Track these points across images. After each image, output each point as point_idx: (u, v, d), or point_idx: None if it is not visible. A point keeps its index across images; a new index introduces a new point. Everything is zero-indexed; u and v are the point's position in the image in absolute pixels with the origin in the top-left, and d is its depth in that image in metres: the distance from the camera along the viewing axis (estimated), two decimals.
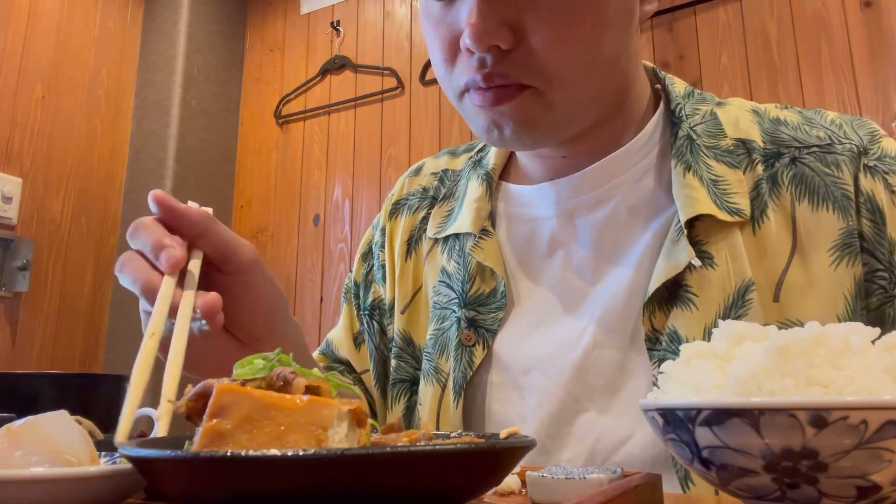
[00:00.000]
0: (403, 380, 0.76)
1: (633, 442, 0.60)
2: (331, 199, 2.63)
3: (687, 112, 0.67)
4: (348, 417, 0.35)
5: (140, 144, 2.64)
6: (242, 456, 0.28)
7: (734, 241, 0.60)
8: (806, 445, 0.30)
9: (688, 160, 0.63)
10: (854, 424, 0.30)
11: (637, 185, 0.66)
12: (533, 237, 0.70)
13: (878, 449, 0.30)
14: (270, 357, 0.38)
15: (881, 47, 1.85)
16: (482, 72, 0.58)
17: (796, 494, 0.32)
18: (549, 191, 0.69)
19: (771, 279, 0.59)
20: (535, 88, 0.59)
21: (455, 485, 0.32)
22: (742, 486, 0.34)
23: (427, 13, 0.64)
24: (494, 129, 0.61)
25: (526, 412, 0.66)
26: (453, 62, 0.62)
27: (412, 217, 0.80)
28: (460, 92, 0.63)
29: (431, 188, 0.81)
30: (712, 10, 2.09)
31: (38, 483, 0.35)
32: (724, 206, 0.60)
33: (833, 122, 0.65)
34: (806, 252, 0.59)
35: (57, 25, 2.47)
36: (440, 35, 0.62)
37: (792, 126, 0.65)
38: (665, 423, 0.35)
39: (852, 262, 0.58)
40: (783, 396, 0.32)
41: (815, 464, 0.31)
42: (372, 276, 0.82)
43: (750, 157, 0.63)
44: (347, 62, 2.69)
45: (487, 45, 0.56)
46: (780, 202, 0.61)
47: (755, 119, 0.67)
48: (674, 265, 0.59)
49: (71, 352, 2.39)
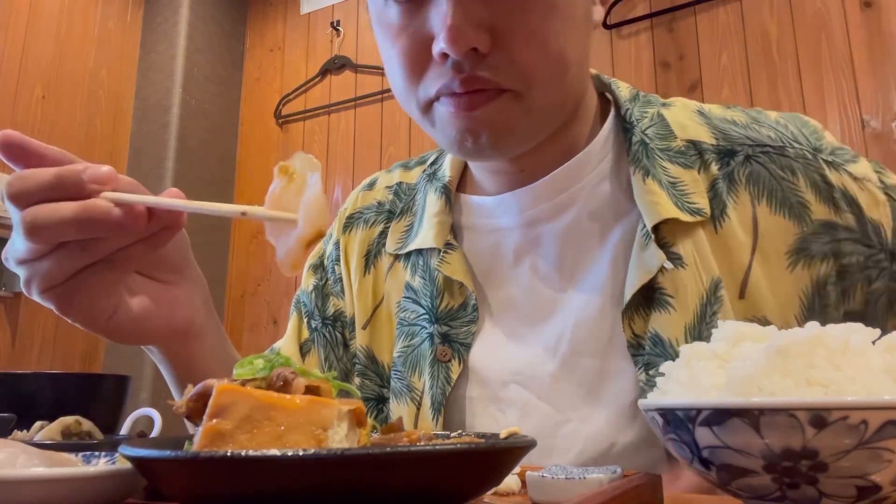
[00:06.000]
0: (368, 398, 0.74)
1: (616, 449, 0.60)
2: (331, 199, 2.63)
3: (636, 116, 0.67)
4: (348, 417, 0.35)
5: (140, 144, 2.64)
6: (242, 456, 0.28)
7: (699, 240, 0.61)
8: (806, 445, 0.30)
9: (645, 165, 0.64)
10: (854, 424, 0.29)
11: (596, 190, 0.66)
12: (498, 248, 0.70)
13: (878, 449, 0.30)
14: (270, 357, 0.38)
15: (881, 47, 1.85)
16: (459, 76, 0.57)
17: (796, 494, 0.32)
18: (510, 201, 0.69)
19: (736, 277, 0.60)
20: (513, 91, 0.58)
21: (455, 485, 0.32)
22: (742, 486, 0.34)
23: (384, 21, 0.61)
24: (469, 138, 0.59)
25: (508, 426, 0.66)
26: (421, 72, 0.59)
27: (368, 231, 0.79)
28: (428, 102, 0.61)
29: (387, 202, 0.80)
30: (712, 10, 2.09)
31: (38, 483, 0.35)
32: (685, 207, 0.61)
33: (778, 122, 0.66)
34: (766, 252, 0.60)
35: (57, 25, 2.47)
36: (403, 43, 0.59)
37: (741, 125, 0.66)
38: (665, 423, 0.35)
39: (808, 264, 0.60)
40: (783, 396, 0.32)
41: (816, 464, 0.31)
42: (329, 289, 0.80)
43: (702, 158, 0.64)
44: (347, 62, 2.69)
45: (466, 48, 0.55)
46: (740, 201, 0.62)
47: (701, 120, 0.67)
48: (646, 271, 0.60)
49: (71, 352, 2.39)
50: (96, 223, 0.45)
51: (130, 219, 0.45)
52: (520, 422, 0.64)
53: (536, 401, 0.64)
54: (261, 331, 2.66)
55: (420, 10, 0.58)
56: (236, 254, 2.75)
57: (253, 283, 2.70)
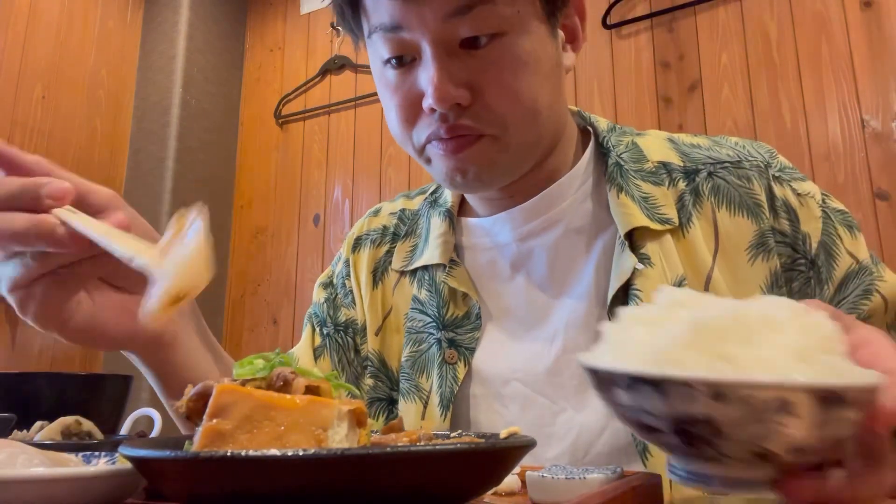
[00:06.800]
0: (381, 398, 0.84)
1: (608, 432, 0.68)
2: (331, 199, 2.63)
3: (612, 143, 0.78)
4: (348, 417, 0.35)
5: (140, 144, 2.64)
6: (242, 456, 0.28)
7: (666, 245, 0.70)
8: (705, 413, 0.33)
9: (619, 183, 0.74)
10: (748, 400, 0.32)
11: (580, 209, 0.76)
12: (496, 262, 0.80)
13: (772, 423, 0.32)
14: (270, 357, 0.38)
15: (881, 47, 1.85)
16: (445, 125, 0.68)
17: (700, 452, 0.35)
18: (505, 220, 0.79)
19: (700, 275, 0.70)
20: (491, 136, 0.68)
21: (455, 485, 0.32)
22: (658, 442, 0.37)
23: (384, 80, 0.72)
24: (458, 174, 0.70)
25: (511, 419, 0.73)
26: (414, 121, 0.71)
27: (375, 251, 0.89)
28: (422, 145, 0.71)
29: (391, 226, 0.91)
30: (712, 10, 2.09)
31: (38, 483, 0.35)
32: (655, 217, 0.71)
33: (737, 144, 0.76)
34: (727, 251, 0.70)
35: (57, 25, 2.47)
36: (399, 98, 0.70)
37: (704, 148, 0.76)
38: (593, 381, 0.37)
39: (766, 257, 0.69)
40: (690, 370, 0.34)
41: (714, 430, 0.33)
42: (340, 301, 0.90)
43: (671, 176, 0.75)
44: (347, 62, 2.69)
45: (450, 103, 0.66)
46: (703, 211, 0.72)
47: (671, 146, 0.78)
48: (623, 273, 0.69)
49: (71, 352, 2.39)
50: (41, 239, 0.48)
51: (71, 240, 0.48)
52: (520, 414, 0.73)
53: (534, 395, 0.73)
54: (261, 331, 2.66)
55: (411, 71, 0.69)
56: (236, 254, 2.75)
57: (253, 283, 2.70)
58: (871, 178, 1.81)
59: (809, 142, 1.90)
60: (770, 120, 1.96)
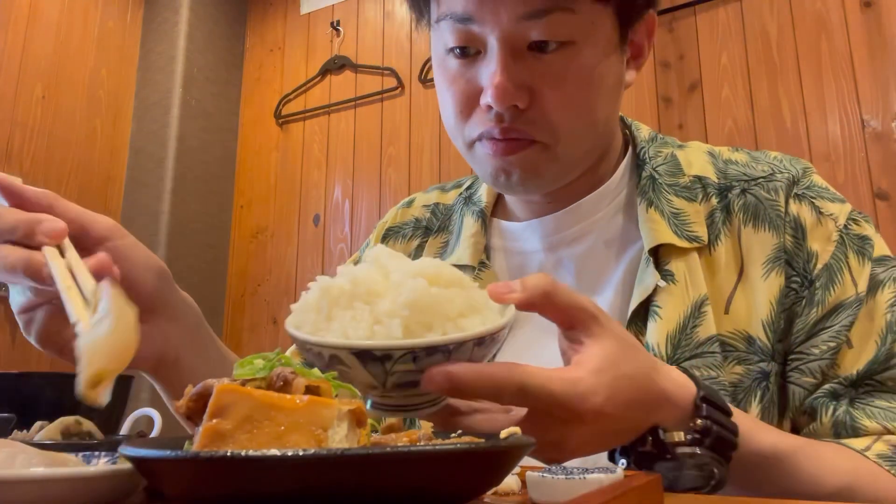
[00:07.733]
0: None
1: None
2: (331, 199, 2.63)
3: (650, 154, 0.77)
4: (348, 417, 0.35)
5: (140, 144, 2.64)
6: (242, 456, 0.28)
7: (692, 263, 0.70)
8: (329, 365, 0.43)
9: (650, 198, 0.74)
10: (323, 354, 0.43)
11: (610, 222, 0.76)
12: (524, 268, 0.79)
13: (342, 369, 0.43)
14: (270, 357, 0.38)
15: (881, 47, 1.85)
16: (500, 126, 0.67)
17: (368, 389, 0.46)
18: (536, 227, 0.78)
19: (723, 294, 0.69)
20: (542, 143, 0.68)
21: (455, 485, 0.32)
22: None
23: (444, 68, 0.71)
24: (502, 175, 0.70)
25: None
26: (468, 115, 0.70)
27: (406, 244, 0.89)
28: (472, 140, 0.70)
29: (424, 220, 0.90)
30: (712, 10, 2.09)
31: (38, 483, 0.35)
32: (684, 234, 0.71)
33: (776, 158, 0.75)
34: (747, 269, 0.70)
35: (57, 25, 2.47)
36: (457, 89, 0.69)
37: (741, 164, 0.75)
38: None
39: (778, 272, 0.69)
40: (308, 330, 0.45)
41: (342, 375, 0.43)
42: None
43: (705, 191, 0.74)
44: (347, 62, 2.69)
45: (508, 103, 0.65)
46: (731, 228, 0.72)
47: (710, 160, 0.77)
48: (645, 289, 0.69)
49: None
50: (27, 276, 0.51)
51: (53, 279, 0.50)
52: None
53: None
54: (261, 331, 2.66)
55: (474, 64, 0.68)
56: (236, 254, 2.75)
57: (253, 283, 2.70)
58: (871, 178, 1.81)
59: (809, 142, 1.90)
60: (770, 120, 1.96)
